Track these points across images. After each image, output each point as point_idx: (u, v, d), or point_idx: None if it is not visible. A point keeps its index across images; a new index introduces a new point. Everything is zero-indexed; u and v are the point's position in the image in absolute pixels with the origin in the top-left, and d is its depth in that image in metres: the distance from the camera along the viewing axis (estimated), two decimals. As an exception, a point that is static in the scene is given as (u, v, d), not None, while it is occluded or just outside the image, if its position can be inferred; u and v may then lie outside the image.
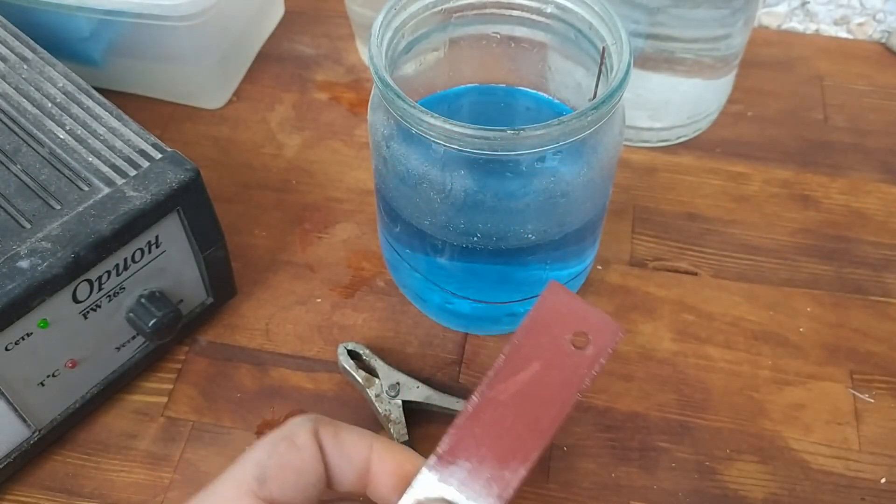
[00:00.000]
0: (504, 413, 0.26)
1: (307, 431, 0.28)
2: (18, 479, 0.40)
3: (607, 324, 0.26)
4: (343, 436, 0.28)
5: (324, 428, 0.28)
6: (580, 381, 0.26)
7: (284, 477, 0.27)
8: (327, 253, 0.48)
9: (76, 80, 0.41)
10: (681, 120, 0.52)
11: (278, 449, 0.27)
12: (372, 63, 0.35)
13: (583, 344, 0.26)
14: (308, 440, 0.28)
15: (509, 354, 0.26)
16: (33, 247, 0.34)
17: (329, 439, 0.28)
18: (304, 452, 0.27)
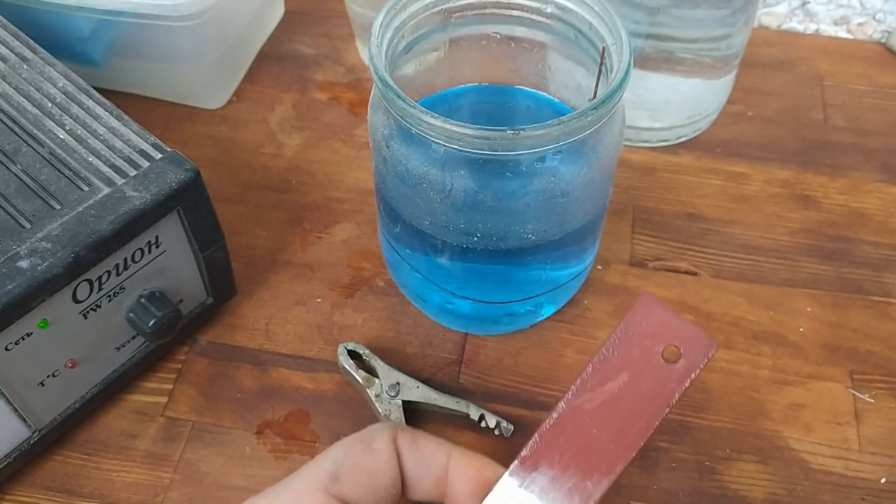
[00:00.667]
0: (590, 423, 0.26)
1: (385, 437, 0.28)
2: (18, 479, 0.40)
3: (700, 338, 0.25)
4: (421, 443, 0.28)
5: (402, 434, 0.28)
6: (670, 395, 0.25)
7: (357, 478, 0.27)
8: (327, 253, 0.48)
9: (76, 80, 0.41)
10: (681, 120, 0.52)
11: (354, 450, 0.28)
12: (372, 63, 0.35)
13: (674, 357, 0.25)
14: (385, 445, 0.28)
15: (597, 364, 0.26)
16: (33, 247, 0.34)
17: (407, 445, 0.28)
18: (379, 456, 0.28)
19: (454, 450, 0.28)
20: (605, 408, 0.26)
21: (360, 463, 0.28)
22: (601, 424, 0.26)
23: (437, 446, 0.28)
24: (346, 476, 0.27)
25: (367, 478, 0.27)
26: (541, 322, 0.45)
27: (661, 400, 0.25)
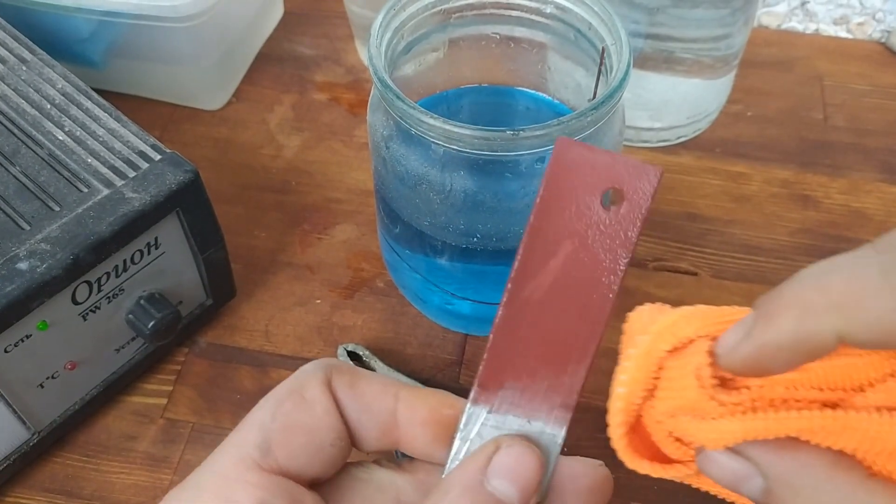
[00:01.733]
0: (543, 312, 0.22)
1: (318, 382, 0.24)
2: (18, 482, 0.40)
3: (638, 168, 0.22)
4: (362, 386, 0.24)
5: (338, 377, 0.24)
6: (626, 245, 0.22)
7: (292, 440, 0.23)
8: (327, 254, 0.48)
9: (75, 82, 0.41)
10: (680, 120, 0.52)
11: (283, 407, 0.23)
12: (371, 64, 0.35)
13: (617, 199, 0.22)
14: (319, 392, 0.24)
15: (529, 242, 0.22)
16: (32, 248, 0.34)
17: (345, 390, 0.24)
18: (314, 408, 0.23)
19: (402, 390, 0.24)
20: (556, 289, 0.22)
21: (294, 422, 0.23)
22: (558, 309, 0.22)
23: (381, 388, 0.24)
24: (279, 442, 0.23)
25: (304, 438, 0.23)
26: (541, 323, 0.45)
27: (616, 254, 0.22)
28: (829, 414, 0.18)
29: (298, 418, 0.23)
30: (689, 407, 0.21)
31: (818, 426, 0.18)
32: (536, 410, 0.23)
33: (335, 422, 0.24)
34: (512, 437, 0.23)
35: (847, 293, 0.17)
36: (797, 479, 0.18)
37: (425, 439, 0.24)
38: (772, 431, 0.19)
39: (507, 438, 0.23)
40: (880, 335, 0.17)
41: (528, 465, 0.22)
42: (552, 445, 0.23)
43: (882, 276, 0.17)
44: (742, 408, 0.19)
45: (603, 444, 0.42)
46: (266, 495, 0.22)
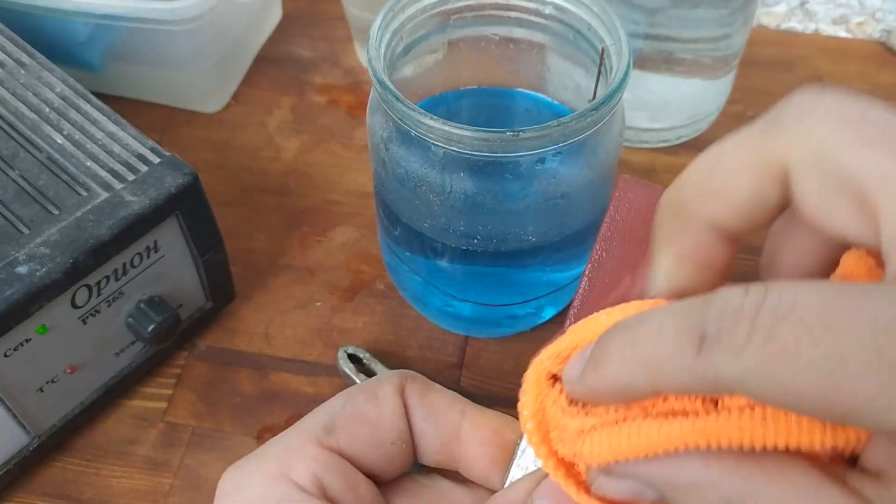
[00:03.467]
0: None
1: (392, 386, 0.25)
2: (18, 486, 0.39)
3: None
4: (432, 397, 0.25)
5: (412, 385, 0.25)
6: None
7: (356, 429, 0.24)
8: (327, 256, 0.48)
9: (74, 85, 0.41)
10: (681, 120, 0.52)
11: (355, 398, 0.25)
12: (370, 65, 0.34)
13: None
14: (391, 394, 0.25)
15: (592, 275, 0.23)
16: (32, 252, 0.34)
17: (416, 398, 0.25)
18: (383, 406, 0.25)
19: (469, 407, 0.25)
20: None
21: (361, 413, 0.25)
22: None
23: (450, 402, 0.25)
24: (344, 427, 0.24)
25: (367, 429, 0.25)
26: (542, 324, 0.44)
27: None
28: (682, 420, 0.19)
29: (366, 410, 0.25)
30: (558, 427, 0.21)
31: (677, 432, 0.18)
32: None
33: (400, 423, 0.25)
34: None
35: (650, 352, 0.18)
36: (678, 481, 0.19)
37: (484, 460, 0.25)
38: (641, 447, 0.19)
39: None
40: (684, 390, 0.18)
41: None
42: None
43: (676, 334, 0.17)
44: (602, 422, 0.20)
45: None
46: (321, 470, 0.24)
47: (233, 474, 0.25)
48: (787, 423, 0.17)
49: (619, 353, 0.19)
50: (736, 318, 0.16)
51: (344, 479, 0.24)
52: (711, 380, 0.17)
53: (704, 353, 0.16)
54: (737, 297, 0.16)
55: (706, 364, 0.16)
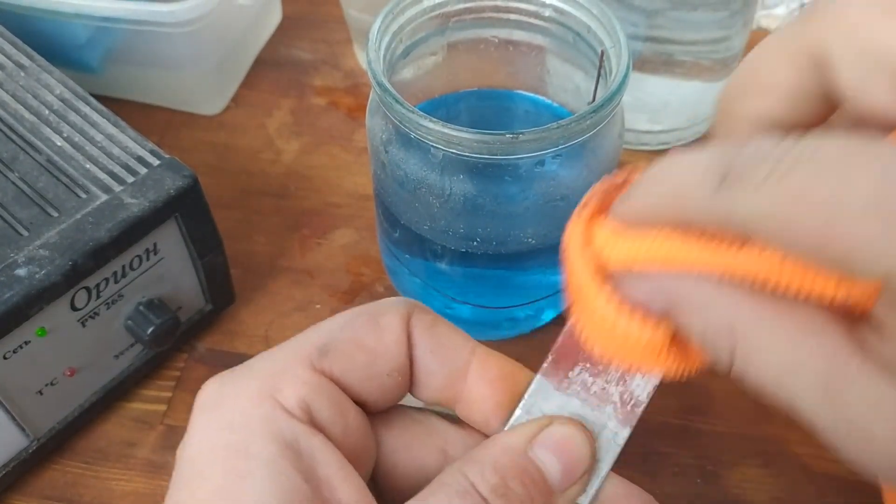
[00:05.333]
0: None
1: (398, 314, 0.24)
2: (17, 489, 0.39)
3: None
4: (441, 330, 0.24)
5: (419, 315, 0.24)
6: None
7: (352, 354, 0.23)
8: (326, 259, 0.48)
9: (73, 87, 0.41)
10: (680, 123, 0.52)
11: (355, 323, 0.23)
12: (370, 68, 0.34)
13: None
14: (395, 322, 0.23)
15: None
16: (31, 255, 0.34)
17: (422, 330, 0.24)
18: (385, 334, 0.23)
19: (479, 347, 0.24)
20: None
21: (360, 338, 0.23)
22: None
23: (460, 338, 0.24)
24: (339, 351, 0.23)
25: (364, 357, 0.23)
26: (542, 327, 0.44)
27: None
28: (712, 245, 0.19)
29: (366, 337, 0.23)
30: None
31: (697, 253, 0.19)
32: (604, 401, 0.22)
33: (400, 355, 0.23)
34: (568, 419, 0.22)
35: (679, 182, 0.18)
36: (688, 296, 0.19)
37: (490, 402, 0.23)
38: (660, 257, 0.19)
39: (563, 418, 0.22)
40: (702, 222, 0.18)
41: (577, 448, 0.22)
42: (611, 444, 0.23)
43: (705, 169, 0.18)
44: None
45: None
46: (311, 394, 0.22)
47: (215, 387, 0.23)
48: (803, 269, 0.17)
49: (653, 181, 0.19)
50: (762, 160, 0.16)
51: (334, 405, 0.23)
52: (725, 214, 0.17)
53: (723, 189, 0.17)
54: (770, 143, 0.17)
55: (723, 199, 0.17)
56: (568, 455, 0.22)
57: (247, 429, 0.22)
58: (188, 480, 0.22)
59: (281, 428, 0.22)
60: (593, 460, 0.22)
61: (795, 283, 0.18)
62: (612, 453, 0.23)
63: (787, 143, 0.16)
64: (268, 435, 0.22)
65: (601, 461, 0.23)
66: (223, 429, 0.22)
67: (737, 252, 0.18)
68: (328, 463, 0.22)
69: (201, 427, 0.23)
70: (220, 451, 0.22)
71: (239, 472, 0.21)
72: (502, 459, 0.22)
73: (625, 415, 0.22)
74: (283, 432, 0.22)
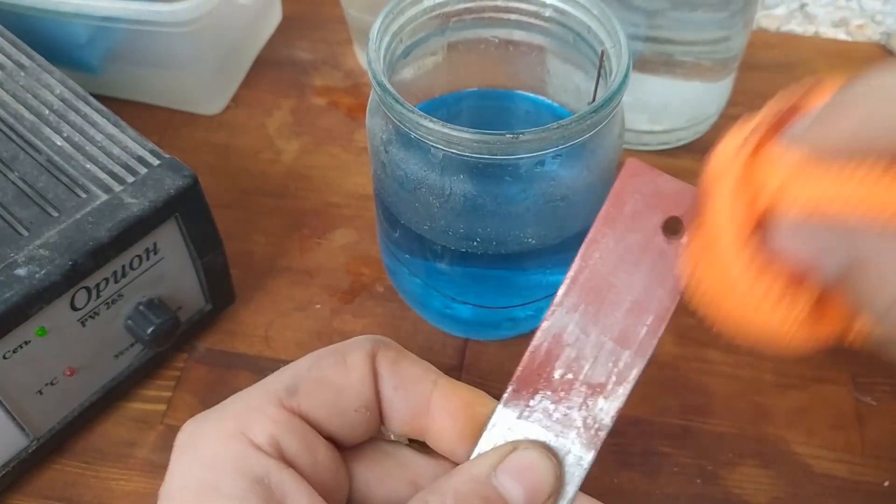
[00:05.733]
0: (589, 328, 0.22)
1: (362, 352, 0.24)
2: (16, 489, 0.39)
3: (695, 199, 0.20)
4: (404, 365, 0.25)
5: (384, 352, 0.25)
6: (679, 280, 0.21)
7: (319, 393, 0.24)
8: (326, 258, 0.48)
9: (73, 87, 0.41)
10: (680, 123, 0.52)
11: (322, 363, 0.24)
12: (370, 68, 0.34)
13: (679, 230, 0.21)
14: (360, 360, 0.24)
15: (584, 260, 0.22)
16: (31, 254, 0.34)
17: (387, 365, 0.24)
18: (351, 372, 0.24)
19: (441, 379, 0.25)
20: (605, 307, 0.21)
21: (326, 377, 0.24)
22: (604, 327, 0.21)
23: (422, 372, 0.25)
24: (307, 390, 0.24)
25: (331, 394, 0.24)
26: (541, 327, 0.44)
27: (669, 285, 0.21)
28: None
29: (332, 376, 0.24)
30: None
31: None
32: (567, 427, 0.22)
33: (366, 391, 0.24)
34: (532, 443, 0.23)
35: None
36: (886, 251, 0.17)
37: (452, 433, 0.24)
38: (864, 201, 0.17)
39: (527, 443, 0.23)
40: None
41: (540, 472, 0.22)
42: (576, 468, 0.23)
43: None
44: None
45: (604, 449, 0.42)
46: (280, 431, 0.23)
47: (191, 428, 0.24)
48: None
49: (860, 99, 0.17)
50: None
51: (302, 442, 0.23)
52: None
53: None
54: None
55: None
56: (531, 480, 0.22)
57: (217, 467, 0.23)
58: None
59: (251, 464, 0.22)
60: (558, 483, 0.23)
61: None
62: (578, 477, 0.23)
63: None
64: (237, 472, 0.22)
65: (567, 484, 0.23)
66: (195, 467, 0.23)
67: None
68: (298, 496, 0.22)
69: (176, 466, 0.24)
70: (191, 489, 0.23)
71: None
72: (464, 488, 0.22)
73: (589, 438, 0.22)
74: (253, 468, 0.22)
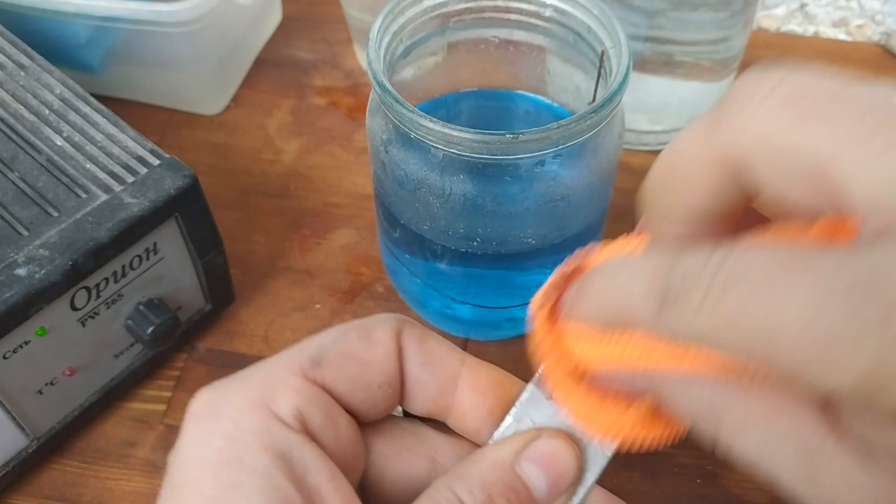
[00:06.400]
0: None
1: (388, 328, 0.24)
2: (17, 489, 0.39)
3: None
4: (431, 343, 0.25)
5: (410, 329, 0.25)
6: None
7: (344, 366, 0.24)
8: (326, 259, 0.48)
9: (73, 87, 0.41)
10: (681, 123, 0.52)
11: (348, 336, 0.24)
12: (370, 68, 0.34)
13: None
14: (386, 336, 0.24)
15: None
16: (31, 254, 0.34)
17: (413, 343, 0.24)
18: (376, 347, 0.24)
19: (469, 358, 0.25)
20: None
21: (352, 350, 0.24)
22: None
23: (449, 350, 0.25)
24: (332, 362, 0.24)
25: (356, 368, 0.24)
26: (541, 327, 0.44)
27: None
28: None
29: (358, 349, 0.24)
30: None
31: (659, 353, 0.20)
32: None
33: (390, 368, 0.24)
34: (556, 431, 0.23)
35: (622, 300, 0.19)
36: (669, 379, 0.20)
37: (481, 411, 0.24)
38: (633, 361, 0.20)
39: (553, 430, 0.23)
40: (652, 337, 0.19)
41: (564, 461, 0.23)
42: (598, 456, 0.23)
43: (645, 289, 0.18)
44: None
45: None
46: (303, 402, 0.23)
47: (209, 396, 0.24)
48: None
49: (597, 293, 0.20)
50: (694, 281, 0.16)
51: (326, 415, 0.23)
52: (671, 334, 0.17)
53: (665, 311, 0.17)
54: (700, 260, 0.17)
55: (666, 321, 0.17)
56: (554, 469, 0.23)
57: (240, 439, 0.22)
58: (180, 488, 0.22)
59: (274, 438, 0.22)
60: (580, 472, 0.23)
61: (759, 378, 0.18)
62: (599, 464, 0.23)
63: (717, 260, 0.16)
64: (261, 445, 0.22)
65: (588, 471, 0.23)
66: (216, 438, 0.22)
67: (697, 354, 0.19)
68: (319, 472, 0.22)
69: (194, 435, 0.23)
70: (212, 460, 0.22)
71: (232, 483, 0.22)
72: (489, 476, 0.22)
73: None
74: (277, 442, 0.22)
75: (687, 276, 0.17)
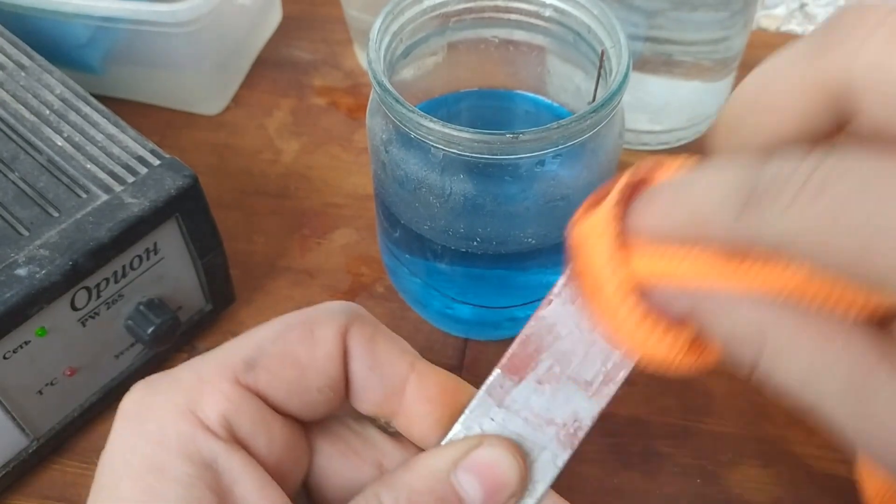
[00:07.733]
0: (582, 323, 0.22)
1: (333, 326, 0.23)
2: (16, 489, 0.39)
3: None
4: (380, 344, 0.23)
5: (358, 327, 0.23)
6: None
7: (280, 369, 0.22)
8: (326, 259, 0.48)
9: (74, 87, 0.41)
10: (680, 123, 0.52)
11: (288, 335, 0.23)
12: (370, 68, 0.34)
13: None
14: (330, 336, 0.23)
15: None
16: (31, 254, 0.34)
17: (360, 343, 0.23)
18: (317, 349, 0.23)
19: (419, 362, 0.23)
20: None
21: (290, 352, 0.22)
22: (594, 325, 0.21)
23: (399, 353, 0.23)
24: (267, 365, 0.22)
25: (294, 372, 0.22)
26: (541, 327, 0.44)
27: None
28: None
29: (297, 351, 0.23)
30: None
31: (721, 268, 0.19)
32: (547, 423, 0.22)
33: (332, 370, 0.23)
34: (500, 439, 0.22)
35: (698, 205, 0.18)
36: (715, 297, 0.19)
37: (429, 420, 0.23)
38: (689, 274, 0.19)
39: (495, 438, 0.22)
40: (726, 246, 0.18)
41: (503, 471, 0.22)
42: (548, 466, 0.22)
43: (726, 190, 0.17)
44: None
45: (604, 449, 0.42)
46: (232, 410, 0.22)
47: (140, 393, 0.23)
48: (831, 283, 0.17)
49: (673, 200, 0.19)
50: (787, 180, 0.16)
51: (256, 421, 0.22)
52: (751, 238, 0.17)
53: (748, 211, 0.16)
54: (793, 162, 0.16)
55: (749, 222, 0.16)
56: (492, 480, 0.21)
57: (164, 445, 0.22)
58: (101, 489, 0.22)
59: (199, 447, 0.22)
60: (522, 483, 0.22)
61: (822, 297, 0.17)
62: (550, 475, 0.22)
63: (813, 161, 0.16)
64: (184, 454, 0.21)
65: (538, 482, 0.22)
66: (141, 442, 0.22)
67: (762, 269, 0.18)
68: (247, 481, 0.22)
69: (121, 437, 0.23)
70: (135, 466, 0.22)
71: (151, 491, 0.21)
72: (419, 485, 0.21)
73: (567, 437, 0.22)
74: (202, 451, 0.21)
75: (777, 177, 0.16)
